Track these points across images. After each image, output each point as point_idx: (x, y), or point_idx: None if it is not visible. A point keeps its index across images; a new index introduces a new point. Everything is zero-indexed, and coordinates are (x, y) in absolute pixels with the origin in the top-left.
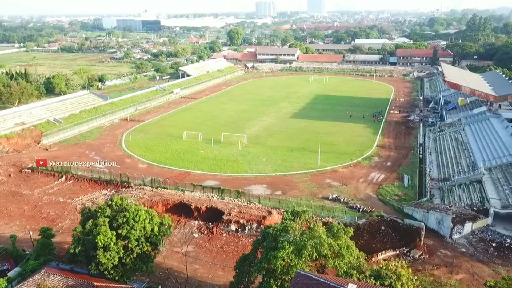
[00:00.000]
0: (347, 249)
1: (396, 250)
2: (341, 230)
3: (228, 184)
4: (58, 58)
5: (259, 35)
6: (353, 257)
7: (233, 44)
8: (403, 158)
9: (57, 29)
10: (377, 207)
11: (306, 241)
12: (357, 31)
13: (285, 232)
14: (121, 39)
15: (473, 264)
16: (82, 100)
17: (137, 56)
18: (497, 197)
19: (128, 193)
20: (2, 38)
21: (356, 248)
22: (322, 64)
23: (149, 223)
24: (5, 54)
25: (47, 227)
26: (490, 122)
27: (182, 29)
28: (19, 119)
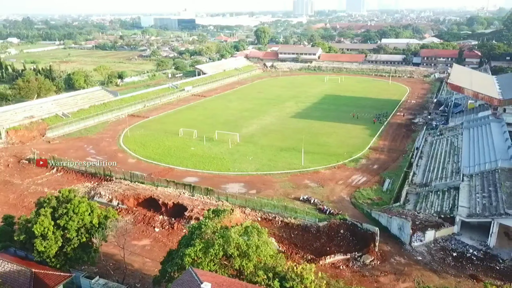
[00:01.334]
0: (257, 249)
1: (347, 255)
2: (254, 230)
3: (207, 182)
4: (91, 55)
5: (289, 34)
6: (266, 258)
7: (260, 42)
8: (392, 161)
9: (98, 27)
10: (346, 210)
11: (216, 239)
12: (386, 30)
13: (199, 230)
14: (154, 37)
15: (424, 273)
16: (93, 95)
17: (163, 54)
18: (467, 205)
19: (106, 186)
20: (45, 36)
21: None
22: (342, 64)
23: (89, 215)
24: (44, 51)
25: (9, 214)
26: (489, 126)
27: (215, 27)
28: (29, 113)
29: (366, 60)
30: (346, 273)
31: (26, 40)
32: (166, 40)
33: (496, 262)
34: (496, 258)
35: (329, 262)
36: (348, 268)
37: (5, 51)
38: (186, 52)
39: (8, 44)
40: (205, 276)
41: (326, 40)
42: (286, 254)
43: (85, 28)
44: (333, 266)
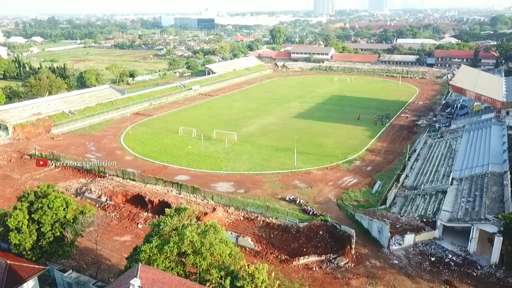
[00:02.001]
0: (210, 247)
1: (322, 256)
2: (211, 228)
3: (198, 180)
4: (109, 54)
5: (306, 33)
6: (224, 256)
7: (275, 42)
8: (387, 163)
9: (119, 26)
10: (331, 212)
11: (172, 237)
12: (404, 30)
13: (157, 227)
14: (172, 36)
15: (397, 277)
16: (101, 94)
17: (178, 53)
18: (450, 209)
19: (97, 183)
20: (67, 35)
21: (234, 248)
22: (354, 64)
23: (64, 210)
24: (65, 49)
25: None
26: (490, 129)
27: (234, 27)
28: (37, 110)
29: (379, 60)
30: (318, 274)
31: (49, 39)
32: (183, 40)
33: (474, 269)
34: (475, 264)
35: (302, 263)
36: (321, 269)
37: (27, 50)
38: (200, 51)
39: (31, 43)
40: (146, 272)
41: (342, 40)
42: (261, 253)
43: (106, 28)
44: (306, 267)
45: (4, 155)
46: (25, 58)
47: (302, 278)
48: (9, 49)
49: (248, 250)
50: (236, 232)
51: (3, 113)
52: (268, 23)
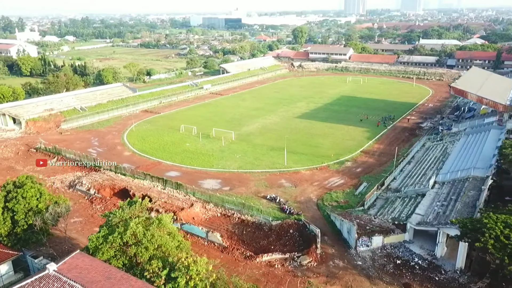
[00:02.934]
0: (151, 238)
1: (286, 254)
2: (155, 221)
3: (187, 176)
4: (133, 53)
5: (330, 33)
6: (170, 249)
7: (297, 42)
8: (379, 165)
9: (149, 26)
10: (308, 211)
11: (118, 227)
12: (429, 30)
13: (108, 217)
14: (198, 36)
15: (357, 278)
16: (113, 91)
17: (200, 53)
18: (422, 212)
19: (90, 176)
20: (98, 34)
21: (183, 241)
22: (371, 65)
23: (37, 200)
24: (94, 48)
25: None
26: (488, 133)
27: (260, 27)
28: (50, 106)
29: (398, 61)
30: (279, 271)
31: (81, 38)
32: (207, 39)
33: (437, 273)
34: (439, 269)
35: (265, 260)
36: (283, 267)
37: (58, 48)
38: (220, 51)
39: (63, 42)
40: (77, 259)
41: (365, 40)
42: (228, 249)
43: (136, 27)
44: (268, 264)
45: (13, 148)
46: (55, 57)
47: (262, 275)
48: (41, 47)
49: (216, 245)
50: (210, 228)
51: (18, 108)
52: (296, 23)
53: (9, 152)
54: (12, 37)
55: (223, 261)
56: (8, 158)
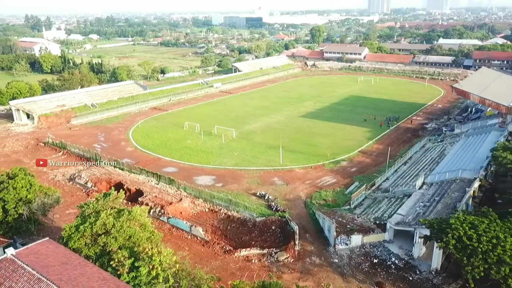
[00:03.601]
0: (120, 229)
1: (264, 250)
2: (125, 213)
3: (184, 172)
4: (153, 51)
5: (346, 33)
6: (141, 239)
7: (314, 41)
8: (374, 166)
9: (171, 25)
10: (295, 209)
11: (89, 218)
12: (450, 30)
13: (82, 208)
14: (218, 35)
15: (330, 275)
16: (124, 88)
17: (217, 51)
18: (404, 213)
19: (89, 170)
20: (120, 33)
21: (156, 232)
22: (386, 65)
23: (27, 190)
24: (115, 46)
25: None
26: (488, 135)
27: (281, 26)
28: (62, 102)
29: (413, 61)
30: (255, 266)
31: (104, 37)
32: (225, 38)
33: (412, 273)
34: (414, 269)
35: (243, 255)
36: (260, 262)
37: (81, 46)
38: (236, 49)
39: (87, 40)
40: (41, 245)
41: (384, 39)
42: (210, 243)
43: (158, 26)
44: (246, 259)
45: (23, 142)
46: (77, 54)
47: (238, 269)
48: (65, 46)
49: (199, 239)
50: (197, 222)
51: (31, 104)
52: (317, 22)
53: (19, 146)
54: (39, 36)
55: (203, 255)
56: (17, 151)
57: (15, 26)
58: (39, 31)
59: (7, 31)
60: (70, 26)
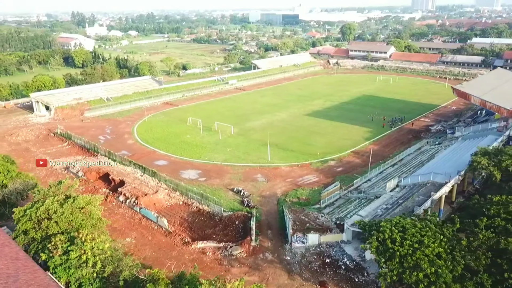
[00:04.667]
0: (61, 215)
1: (220, 243)
2: (69, 200)
3: (173, 166)
4: (184, 48)
5: (378, 31)
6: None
7: (344, 39)
8: (362, 166)
9: (209, 22)
10: (266, 206)
11: (37, 203)
12: (487, 29)
13: (33, 193)
14: (251, 32)
15: (276, 272)
16: (140, 83)
17: (245, 49)
18: (364, 214)
19: (84, 160)
20: (157, 29)
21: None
22: (411, 64)
23: (4, 176)
24: (149, 42)
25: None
26: (483, 139)
27: (317, 23)
28: (79, 95)
29: (440, 61)
30: (208, 259)
31: (142, 33)
32: (257, 35)
33: (359, 275)
34: (363, 271)
35: (200, 247)
36: (214, 255)
37: (118, 42)
38: (262, 47)
39: (125, 36)
40: None
41: (417, 38)
42: (172, 234)
43: (196, 22)
44: (201, 251)
45: (36, 132)
46: (112, 50)
47: (190, 260)
48: (103, 41)
49: (163, 230)
50: (169, 214)
51: (50, 96)
52: (355, 19)
53: (31, 135)
54: (82, 32)
55: (163, 245)
56: (28, 140)
57: (62, 23)
58: (83, 28)
59: (55, 27)
60: (113, 23)
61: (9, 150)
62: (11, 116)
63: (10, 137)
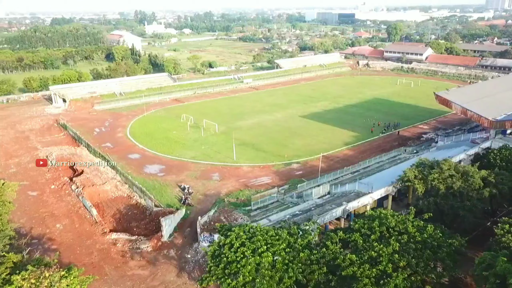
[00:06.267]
0: None
1: (133, 236)
2: None
3: (142, 160)
4: (226, 46)
5: (450, 31)
6: None
7: (390, 39)
8: (325, 171)
9: (265, 21)
10: (203, 204)
11: None
12: None
13: None
14: (299, 31)
15: (168, 268)
16: (155, 80)
17: (283, 48)
18: (273, 219)
19: (65, 150)
20: (209, 28)
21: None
22: (445, 67)
23: None
24: (197, 40)
25: None
26: (453, 150)
27: (373, 22)
28: (95, 89)
29: (479, 64)
30: (114, 249)
31: (195, 31)
32: (300, 34)
33: None
34: None
35: (113, 238)
36: (122, 247)
37: (167, 40)
38: (300, 46)
39: (177, 35)
40: None
41: (468, 39)
42: (97, 224)
43: (250, 21)
44: (113, 242)
45: (44, 122)
46: (159, 47)
47: (99, 250)
48: (156, 39)
49: (93, 218)
50: (109, 205)
51: (66, 90)
52: (416, 19)
53: (38, 125)
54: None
55: (84, 232)
56: (33, 129)
57: (128, 21)
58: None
59: (118, 24)
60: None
61: (11, 137)
62: (34, 106)
63: (19, 125)
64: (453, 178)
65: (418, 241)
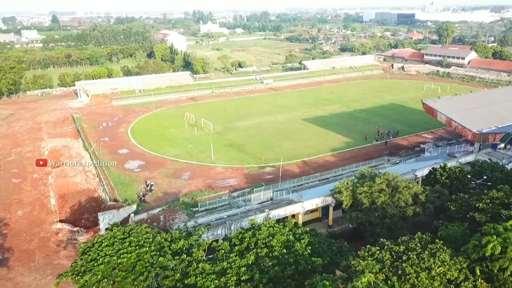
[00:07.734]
0: None
1: (76, 228)
2: None
3: (128, 155)
4: (270, 46)
5: (486, 34)
6: None
7: (441, 41)
8: (298, 176)
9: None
10: (158, 202)
11: None
12: None
13: None
14: (352, 31)
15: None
16: (175, 78)
17: (325, 49)
18: (201, 221)
19: (62, 140)
20: (260, 28)
21: None
22: (486, 73)
23: None
24: (244, 40)
25: None
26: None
27: (434, 23)
28: (116, 86)
29: None
30: (54, 238)
31: (247, 31)
32: (347, 35)
33: None
34: None
35: (57, 228)
36: (62, 236)
37: (216, 39)
38: (340, 47)
39: (229, 34)
40: None
41: None
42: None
43: (304, 21)
44: (56, 232)
45: (62, 114)
46: (204, 46)
47: (42, 237)
48: (201, 38)
49: (50, 207)
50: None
51: (90, 85)
52: (483, 20)
53: (55, 117)
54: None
55: (37, 220)
56: (49, 121)
57: (185, 20)
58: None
59: (177, 24)
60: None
61: (27, 128)
62: (62, 100)
63: (39, 117)
64: (381, 192)
65: (274, 256)
